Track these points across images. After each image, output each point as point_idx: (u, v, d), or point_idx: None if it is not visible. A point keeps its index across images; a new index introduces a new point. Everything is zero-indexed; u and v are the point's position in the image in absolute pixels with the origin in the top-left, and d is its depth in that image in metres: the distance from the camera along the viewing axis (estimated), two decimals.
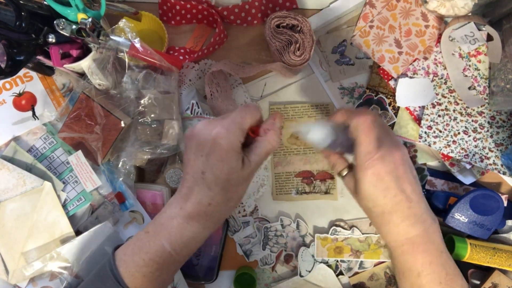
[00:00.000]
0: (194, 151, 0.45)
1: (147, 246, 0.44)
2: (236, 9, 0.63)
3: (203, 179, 0.44)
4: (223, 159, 0.44)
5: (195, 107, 0.60)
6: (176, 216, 0.45)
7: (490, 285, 0.60)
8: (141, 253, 0.44)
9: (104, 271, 0.45)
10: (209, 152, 0.44)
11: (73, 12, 0.50)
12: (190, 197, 0.44)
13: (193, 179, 0.44)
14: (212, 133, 0.44)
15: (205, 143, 0.44)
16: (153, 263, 0.44)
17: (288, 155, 0.64)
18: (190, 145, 0.45)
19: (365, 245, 0.62)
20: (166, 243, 0.44)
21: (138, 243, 0.45)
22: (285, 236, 0.63)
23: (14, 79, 0.62)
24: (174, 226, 0.44)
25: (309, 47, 0.57)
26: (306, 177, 0.64)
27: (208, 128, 0.45)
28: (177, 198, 0.46)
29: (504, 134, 0.62)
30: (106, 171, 0.60)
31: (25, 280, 0.58)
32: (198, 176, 0.44)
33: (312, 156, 0.64)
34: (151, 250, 0.44)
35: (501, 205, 0.58)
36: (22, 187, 0.59)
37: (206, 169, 0.44)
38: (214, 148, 0.43)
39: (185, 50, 0.64)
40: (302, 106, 0.64)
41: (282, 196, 0.64)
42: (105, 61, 0.54)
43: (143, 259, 0.44)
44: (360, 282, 0.63)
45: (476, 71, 0.64)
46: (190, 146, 0.45)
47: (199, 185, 0.44)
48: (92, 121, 0.57)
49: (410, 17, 0.64)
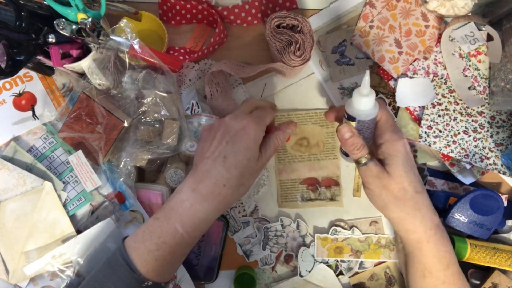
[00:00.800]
0: (219, 138, 0.49)
1: (158, 231, 0.46)
2: (236, 9, 0.63)
3: (224, 162, 0.47)
4: (248, 147, 0.48)
5: (195, 107, 0.60)
6: (188, 198, 0.47)
7: (490, 285, 0.60)
8: (153, 237, 0.46)
9: (114, 260, 0.46)
10: (236, 139, 0.48)
11: (73, 12, 0.50)
12: (204, 179, 0.47)
13: (212, 162, 0.47)
14: (243, 123, 0.49)
15: (233, 131, 0.48)
16: (166, 246, 0.45)
17: (293, 162, 0.64)
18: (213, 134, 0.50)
19: (365, 245, 0.63)
20: (178, 226, 0.46)
21: (148, 230, 0.47)
22: (285, 236, 0.63)
23: (14, 79, 0.62)
24: (186, 208, 0.46)
25: (309, 47, 0.57)
26: (311, 184, 0.64)
27: (237, 119, 0.50)
28: (188, 182, 0.48)
29: (504, 134, 0.62)
30: (107, 171, 0.60)
31: (25, 280, 0.58)
32: (219, 159, 0.47)
33: (317, 163, 0.64)
34: (163, 234, 0.46)
35: (501, 205, 0.58)
36: (22, 187, 0.59)
37: (229, 154, 0.47)
38: (242, 136, 0.48)
39: (185, 50, 0.64)
40: (306, 113, 0.64)
41: (287, 203, 0.64)
42: (105, 61, 0.54)
43: (155, 243, 0.45)
44: (360, 282, 0.63)
45: (476, 71, 0.64)
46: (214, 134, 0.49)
47: (218, 168, 0.47)
48: (92, 120, 0.57)
49: (410, 17, 0.64)
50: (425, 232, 0.48)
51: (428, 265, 0.48)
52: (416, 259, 0.49)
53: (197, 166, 0.49)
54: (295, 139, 0.64)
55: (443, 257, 0.48)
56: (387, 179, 0.48)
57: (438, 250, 0.48)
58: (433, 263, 0.48)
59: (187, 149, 0.56)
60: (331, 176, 0.64)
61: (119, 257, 0.45)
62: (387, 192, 0.48)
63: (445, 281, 0.48)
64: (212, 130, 0.50)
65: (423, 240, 0.48)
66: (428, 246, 0.48)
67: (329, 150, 0.64)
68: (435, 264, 0.48)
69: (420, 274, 0.49)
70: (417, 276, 0.50)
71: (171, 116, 0.57)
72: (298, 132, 0.64)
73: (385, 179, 0.48)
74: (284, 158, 0.64)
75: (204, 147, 0.50)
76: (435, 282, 0.48)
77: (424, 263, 0.48)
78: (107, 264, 0.47)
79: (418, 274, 0.49)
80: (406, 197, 0.48)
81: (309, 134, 0.64)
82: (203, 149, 0.50)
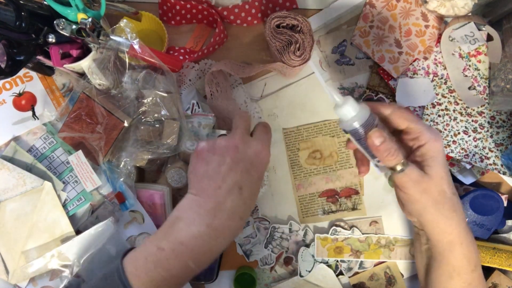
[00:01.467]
0: (231, 164, 0.45)
1: (165, 263, 0.43)
2: (236, 9, 0.63)
3: (240, 193, 0.44)
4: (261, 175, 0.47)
5: (195, 107, 0.60)
6: (201, 234, 0.43)
7: (490, 285, 0.60)
8: (159, 269, 0.42)
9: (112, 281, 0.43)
10: (251, 168, 0.45)
11: (73, 12, 0.50)
12: (219, 213, 0.43)
13: (227, 193, 0.44)
14: (256, 149, 0.46)
15: (247, 158, 0.45)
16: (174, 279, 0.43)
17: (309, 176, 0.64)
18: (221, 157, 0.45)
19: (365, 245, 0.63)
20: (190, 262, 0.43)
21: (151, 258, 0.43)
22: (289, 240, 0.63)
23: (14, 79, 0.62)
24: (199, 245, 0.43)
25: (309, 47, 0.57)
26: (331, 196, 0.63)
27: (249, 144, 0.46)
28: (199, 214, 0.44)
29: (504, 134, 0.62)
30: (107, 171, 0.60)
31: (25, 280, 0.58)
32: (234, 191, 0.44)
33: (333, 173, 0.63)
34: (171, 268, 0.43)
35: (501, 205, 0.58)
36: (22, 187, 0.59)
37: (245, 184, 0.45)
38: (258, 165, 0.46)
39: (185, 50, 0.64)
40: (314, 126, 0.64)
41: (309, 218, 0.63)
42: (105, 61, 0.54)
43: (162, 275, 0.42)
44: (360, 282, 0.63)
45: (476, 71, 0.64)
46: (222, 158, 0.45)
47: (234, 200, 0.44)
48: (92, 120, 0.57)
49: (410, 17, 0.64)
50: (460, 233, 0.47)
51: (457, 266, 0.47)
52: (445, 260, 0.48)
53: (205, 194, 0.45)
54: (307, 153, 0.64)
55: (472, 258, 0.47)
56: (427, 183, 0.45)
57: (469, 252, 0.47)
58: (462, 264, 0.47)
59: (187, 148, 0.56)
60: (350, 185, 0.64)
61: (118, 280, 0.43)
62: (427, 195, 0.45)
63: (471, 283, 0.48)
64: (218, 152, 0.46)
65: (456, 242, 0.47)
66: (461, 248, 0.47)
67: (343, 160, 0.64)
68: (464, 265, 0.47)
69: (448, 276, 0.48)
70: (444, 278, 0.48)
71: (171, 116, 0.57)
72: (310, 145, 0.64)
73: (425, 183, 0.45)
74: (299, 174, 0.64)
75: (208, 170, 0.45)
76: (461, 284, 0.48)
77: (453, 264, 0.47)
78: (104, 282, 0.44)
79: (445, 276, 0.48)
80: (445, 200, 0.46)
81: (321, 146, 0.64)
82: (208, 173, 0.45)
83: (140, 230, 0.59)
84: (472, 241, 0.48)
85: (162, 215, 0.59)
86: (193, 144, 0.57)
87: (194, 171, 0.47)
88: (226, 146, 0.46)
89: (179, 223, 0.44)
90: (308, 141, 0.64)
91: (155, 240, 0.44)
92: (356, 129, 0.43)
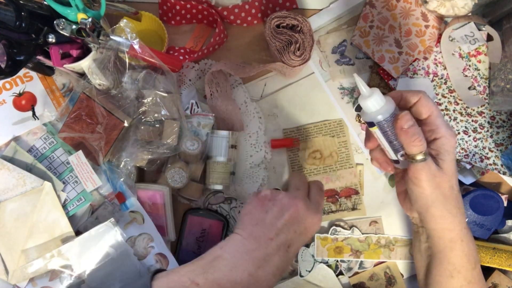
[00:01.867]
0: (287, 222, 0.46)
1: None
2: (236, 9, 0.63)
3: (288, 252, 0.46)
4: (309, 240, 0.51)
5: (194, 107, 0.60)
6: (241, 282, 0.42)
7: (490, 285, 0.60)
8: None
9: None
10: (303, 232, 0.47)
11: (73, 12, 0.50)
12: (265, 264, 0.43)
13: (277, 248, 0.44)
14: (314, 220, 0.48)
15: (304, 224, 0.47)
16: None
17: (309, 176, 0.64)
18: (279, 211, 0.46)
19: (365, 245, 0.63)
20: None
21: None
22: None
23: (14, 79, 0.62)
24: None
25: (309, 47, 0.57)
26: (331, 196, 0.64)
27: (310, 212, 0.47)
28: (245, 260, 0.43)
29: (504, 134, 0.62)
30: (107, 171, 0.59)
31: (25, 280, 0.58)
32: (283, 247, 0.45)
33: (333, 173, 0.64)
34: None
35: (501, 205, 0.58)
36: (22, 187, 0.59)
37: (294, 244, 0.46)
38: (311, 233, 0.48)
39: (185, 50, 0.64)
40: (314, 126, 0.64)
41: None
42: (105, 61, 0.54)
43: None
44: (360, 282, 0.63)
45: (476, 71, 0.64)
46: (280, 212, 0.46)
47: (281, 256, 0.45)
48: (92, 121, 0.57)
49: (410, 17, 0.64)
50: (461, 231, 0.47)
51: (458, 264, 0.48)
52: (446, 259, 0.48)
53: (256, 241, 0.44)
54: (307, 153, 0.64)
55: (472, 255, 0.48)
56: (441, 177, 0.45)
57: (470, 249, 0.48)
58: (463, 262, 0.48)
59: (187, 148, 0.56)
60: (350, 185, 0.63)
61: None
62: (439, 190, 0.45)
63: (471, 281, 0.48)
64: (279, 205, 0.46)
65: (457, 239, 0.47)
66: (461, 245, 0.47)
67: (343, 160, 0.64)
68: (465, 263, 0.48)
69: (448, 274, 0.48)
70: (444, 276, 0.49)
71: (171, 116, 0.57)
72: (310, 146, 0.64)
73: (439, 177, 0.45)
74: None
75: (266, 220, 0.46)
76: (462, 282, 0.48)
77: (454, 262, 0.48)
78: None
79: (446, 274, 0.49)
80: (452, 196, 0.46)
81: (321, 146, 0.64)
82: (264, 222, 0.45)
83: (140, 231, 0.59)
84: (471, 239, 0.48)
85: (162, 215, 0.59)
86: (193, 144, 0.57)
87: (250, 213, 0.47)
88: (289, 204, 0.47)
89: (220, 262, 0.43)
90: (308, 141, 0.64)
91: (191, 272, 0.43)
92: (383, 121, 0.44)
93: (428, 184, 0.45)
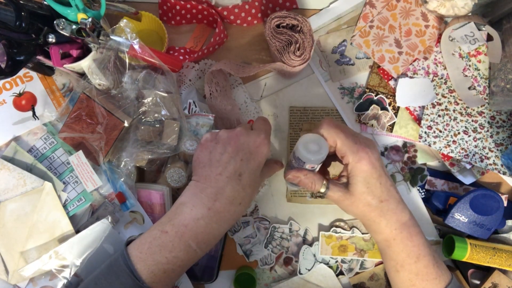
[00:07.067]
0: (232, 153, 0.48)
1: (170, 246, 0.46)
2: (236, 9, 0.63)
3: (239, 180, 0.48)
4: (260, 166, 0.50)
5: (192, 106, 0.60)
6: (203, 217, 0.46)
7: (490, 285, 0.60)
8: (163, 251, 0.45)
9: (117, 266, 0.46)
10: (251, 157, 0.49)
11: (73, 12, 0.50)
12: (220, 197, 0.47)
13: (227, 179, 0.47)
14: (257, 141, 0.49)
15: (247, 148, 0.49)
16: (177, 260, 0.46)
17: None
18: (222, 146, 0.49)
19: (370, 244, 0.62)
20: (192, 243, 0.46)
21: (156, 242, 0.46)
22: (289, 241, 0.63)
23: (14, 79, 0.62)
24: (201, 226, 0.46)
25: (309, 47, 0.57)
26: None
27: (251, 136, 0.50)
28: (201, 199, 0.47)
29: (504, 134, 0.62)
30: (107, 171, 0.60)
31: (25, 280, 0.58)
32: (233, 177, 0.48)
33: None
34: (175, 249, 0.46)
35: (501, 205, 0.58)
36: (22, 187, 0.59)
37: (244, 172, 0.48)
38: (257, 155, 0.49)
39: (185, 50, 0.64)
40: (322, 110, 0.64)
41: (296, 198, 0.63)
42: (105, 61, 0.54)
43: (165, 257, 0.45)
44: (360, 282, 0.63)
45: (476, 71, 0.64)
46: (223, 148, 0.49)
47: (233, 186, 0.47)
48: (93, 121, 0.57)
49: (410, 17, 0.64)
50: (391, 232, 0.50)
51: (399, 260, 0.51)
52: (387, 255, 0.52)
53: (207, 180, 0.48)
54: None
55: (411, 251, 0.50)
56: (350, 199, 0.50)
57: (405, 246, 0.50)
58: (402, 258, 0.51)
59: (187, 148, 0.56)
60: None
61: (123, 265, 0.45)
62: (354, 208, 0.51)
63: (418, 273, 0.50)
64: (220, 142, 0.49)
65: (389, 238, 0.51)
66: (395, 243, 0.50)
67: None
68: (405, 258, 0.50)
69: (393, 269, 0.52)
70: (392, 271, 0.52)
71: (171, 116, 0.57)
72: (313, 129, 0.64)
73: (348, 199, 0.50)
74: None
75: (212, 159, 0.49)
76: (408, 275, 0.51)
77: (395, 258, 0.51)
78: (109, 269, 0.46)
79: (392, 269, 0.52)
80: (371, 209, 0.50)
81: None
82: (210, 161, 0.49)
83: (140, 231, 0.59)
84: (409, 236, 0.50)
85: (162, 215, 0.59)
86: (193, 144, 0.57)
87: (197, 159, 0.51)
88: (228, 137, 0.50)
89: (182, 208, 0.48)
90: (311, 124, 0.64)
91: (159, 225, 0.48)
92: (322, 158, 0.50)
93: (342, 205, 0.52)
